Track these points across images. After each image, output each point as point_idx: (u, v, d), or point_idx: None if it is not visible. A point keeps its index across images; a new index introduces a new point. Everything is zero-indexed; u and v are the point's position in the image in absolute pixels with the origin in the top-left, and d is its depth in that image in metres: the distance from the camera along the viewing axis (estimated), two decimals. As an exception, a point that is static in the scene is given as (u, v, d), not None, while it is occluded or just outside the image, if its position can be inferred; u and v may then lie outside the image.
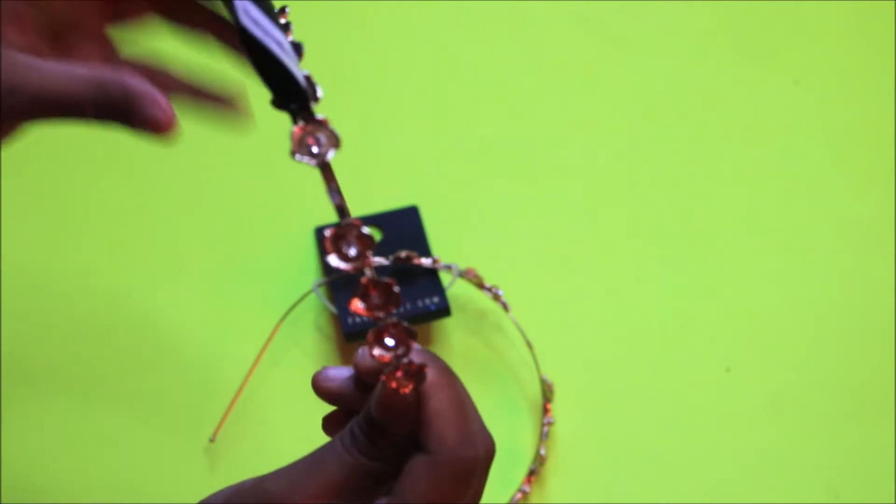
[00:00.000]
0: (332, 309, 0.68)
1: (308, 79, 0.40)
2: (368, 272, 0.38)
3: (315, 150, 0.39)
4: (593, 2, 0.80)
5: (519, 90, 0.78)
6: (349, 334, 0.67)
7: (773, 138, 0.77)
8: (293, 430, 0.67)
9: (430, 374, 0.39)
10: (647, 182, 0.76)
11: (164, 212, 0.73)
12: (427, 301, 0.68)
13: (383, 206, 0.73)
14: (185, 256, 0.72)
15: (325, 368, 0.44)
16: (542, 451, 0.67)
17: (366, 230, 0.38)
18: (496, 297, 0.69)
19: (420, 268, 0.69)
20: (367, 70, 0.78)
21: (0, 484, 0.65)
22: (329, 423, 0.45)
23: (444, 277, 0.69)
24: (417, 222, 0.72)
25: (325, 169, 0.39)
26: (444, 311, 0.68)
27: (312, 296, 0.70)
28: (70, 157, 0.73)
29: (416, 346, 0.39)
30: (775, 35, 0.80)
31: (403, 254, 0.68)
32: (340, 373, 0.43)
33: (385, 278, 0.38)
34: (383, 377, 0.38)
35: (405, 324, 0.38)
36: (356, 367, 0.42)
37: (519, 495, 0.66)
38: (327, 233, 0.38)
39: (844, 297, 0.72)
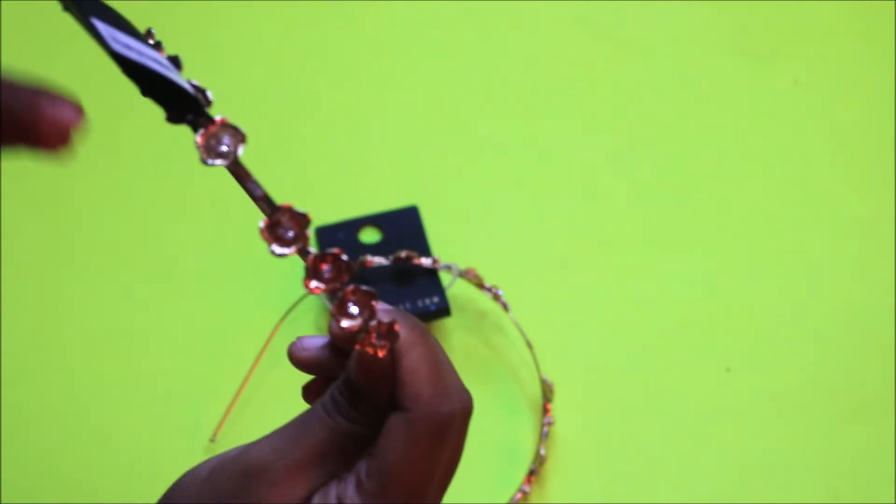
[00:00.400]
0: (332, 309, 0.68)
1: (196, 86, 0.39)
2: (312, 249, 0.37)
3: (224, 149, 0.38)
4: (593, 2, 0.80)
5: (519, 90, 0.78)
6: (349, 334, 0.67)
7: (773, 138, 0.77)
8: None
9: (402, 332, 0.39)
10: (647, 182, 0.75)
11: (164, 212, 0.73)
12: (427, 301, 0.68)
13: (383, 206, 0.73)
14: (186, 256, 0.72)
15: (300, 338, 0.43)
16: (542, 451, 0.66)
17: (298, 210, 0.37)
18: (496, 297, 0.69)
19: (420, 268, 0.69)
20: (368, 70, 0.78)
21: (0, 484, 0.65)
22: (308, 392, 0.45)
23: (444, 277, 0.69)
24: (417, 222, 0.72)
25: (238, 166, 0.38)
26: (444, 311, 0.68)
27: (312, 296, 0.70)
28: (71, 155, 0.73)
29: (381, 305, 0.39)
30: (775, 35, 0.80)
31: (403, 254, 0.68)
32: (316, 341, 0.43)
33: (331, 249, 0.38)
34: (358, 345, 0.38)
35: (363, 287, 0.37)
36: (331, 335, 0.42)
37: (519, 495, 0.66)
38: (260, 224, 0.37)
39: (844, 297, 0.72)
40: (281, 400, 0.68)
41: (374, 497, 0.38)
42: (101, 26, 0.37)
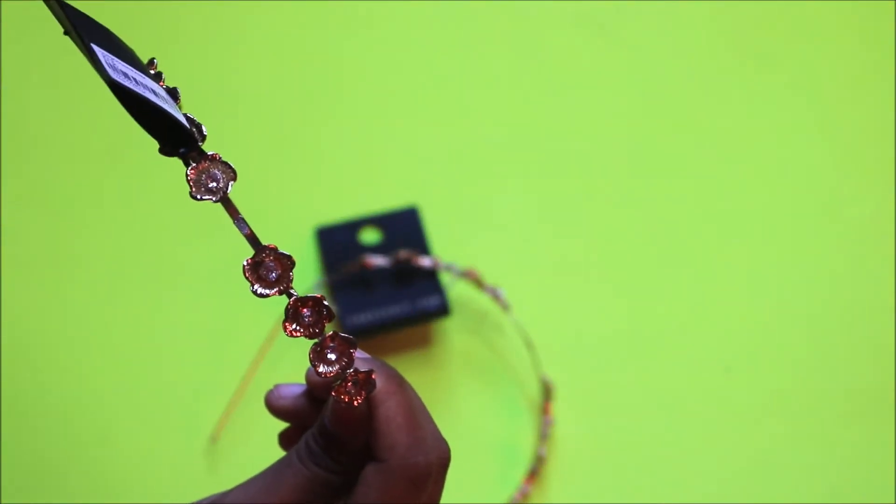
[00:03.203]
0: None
1: (191, 119, 0.39)
2: (294, 292, 0.38)
3: (213, 186, 0.38)
4: (593, 2, 0.80)
5: (519, 90, 0.78)
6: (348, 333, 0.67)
7: (774, 138, 0.77)
8: (293, 430, 0.68)
9: (379, 381, 0.39)
10: (647, 182, 0.76)
11: (164, 212, 0.73)
12: (427, 301, 0.68)
13: (383, 206, 0.73)
14: (185, 256, 0.72)
15: (277, 386, 0.44)
16: (542, 452, 0.67)
17: (283, 252, 0.38)
18: (496, 298, 0.69)
19: (420, 268, 0.69)
20: (368, 70, 0.78)
21: (0, 484, 0.65)
22: (284, 439, 0.45)
23: (444, 278, 0.69)
24: (417, 222, 0.72)
25: (227, 203, 0.39)
26: (444, 311, 0.68)
27: (312, 296, 0.70)
28: (71, 156, 0.73)
29: (360, 354, 0.39)
30: (775, 35, 0.80)
31: (403, 254, 0.68)
32: (292, 390, 0.43)
33: (314, 294, 0.38)
34: (333, 392, 0.38)
35: (342, 335, 0.38)
36: (308, 383, 0.42)
37: (519, 495, 0.66)
38: (245, 263, 0.38)
39: (844, 298, 0.72)
40: (281, 400, 0.68)
41: None
42: (101, 52, 0.37)
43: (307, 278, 0.71)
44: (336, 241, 0.71)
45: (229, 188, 0.38)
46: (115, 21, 0.55)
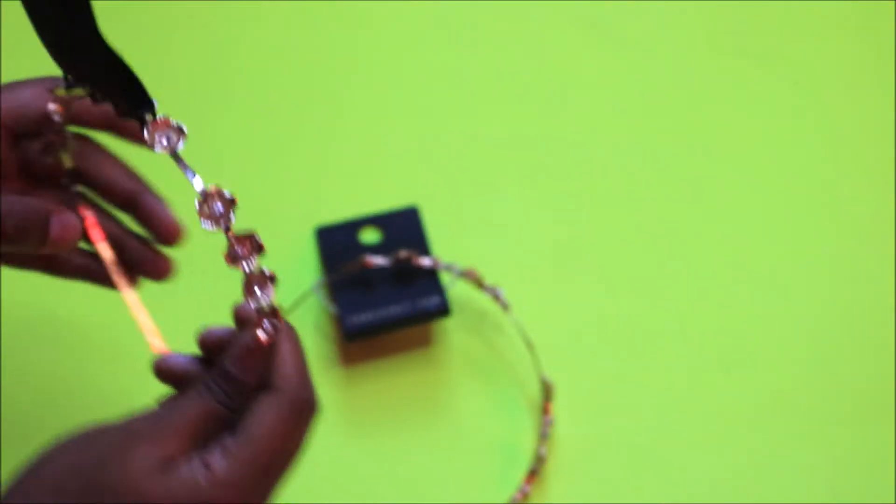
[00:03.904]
0: (332, 309, 0.68)
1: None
2: (232, 229, 0.46)
3: (165, 142, 0.47)
4: (593, 2, 0.80)
5: (519, 90, 0.78)
6: (349, 334, 0.67)
7: (773, 138, 0.77)
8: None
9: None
10: (647, 182, 0.76)
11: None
12: (427, 301, 0.68)
13: (383, 206, 0.73)
14: (185, 257, 0.71)
15: (163, 356, 0.51)
16: (542, 451, 0.67)
17: (227, 193, 0.46)
18: (496, 298, 0.69)
19: (420, 268, 0.69)
20: (368, 70, 0.78)
21: (0, 483, 0.65)
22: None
23: (445, 278, 0.69)
24: (417, 222, 0.72)
25: (177, 157, 0.47)
26: (444, 311, 0.68)
27: (312, 296, 0.70)
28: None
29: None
30: (775, 35, 0.80)
31: (403, 254, 0.68)
32: (179, 360, 0.50)
33: (250, 230, 0.46)
34: (256, 329, 0.46)
35: (266, 270, 0.46)
36: (203, 344, 0.50)
37: (519, 495, 0.66)
38: (196, 201, 0.46)
39: (844, 298, 0.72)
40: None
41: (238, 460, 0.44)
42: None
43: (307, 278, 0.71)
44: (336, 241, 0.71)
45: (181, 145, 0.47)
46: (117, 19, 0.55)
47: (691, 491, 0.67)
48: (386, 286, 0.69)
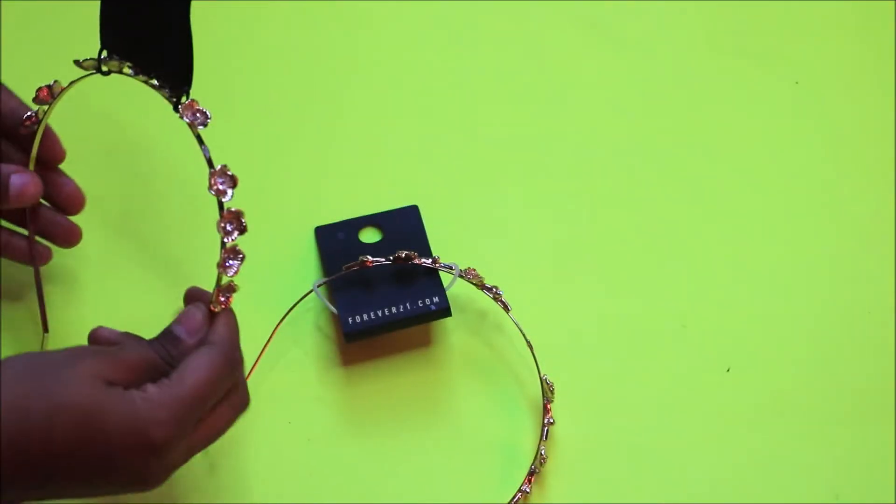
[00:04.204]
0: (332, 309, 0.68)
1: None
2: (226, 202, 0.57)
3: (197, 118, 0.57)
4: (593, 2, 0.80)
5: (519, 90, 0.78)
6: (349, 334, 0.67)
7: (774, 138, 0.77)
8: (293, 429, 0.67)
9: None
10: (648, 182, 0.76)
11: (164, 212, 0.73)
12: (427, 301, 0.68)
13: (383, 206, 0.73)
14: (185, 257, 0.71)
15: (98, 329, 0.59)
16: (543, 451, 0.67)
17: (230, 172, 0.57)
18: (497, 297, 0.69)
19: (420, 268, 0.69)
20: (367, 70, 0.78)
21: (0, 484, 0.65)
22: None
23: (445, 278, 0.69)
24: (417, 222, 0.72)
25: (198, 135, 0.57)
26: (444, 311, 0.68)
27: (312, 296, 0.70)
28: (71, 155, 0.73)
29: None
30: (775, 35, 0.80)
31: (403, 254, 0.68)
32: (112, 331, 0.59)
33: (238, 210, 0.57)
34: (215, 296, 0.58)
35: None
36: (187, 296, 0.61)
37: (519, 495, 0.66)
38: (209, 173, 0.56)
39: (844, 297, 0.72)
40: (281, 400, 0.68)
41: (171, 390, 0.54)
42: None
43: (307, 278, 0.71)
44: (336, 241, 0.71)
45: (201, 126, 0.57)
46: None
47: (691, 491, 0.67)
48: (386, 286, 0.69)
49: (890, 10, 0.81)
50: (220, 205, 0.57)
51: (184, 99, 0.57)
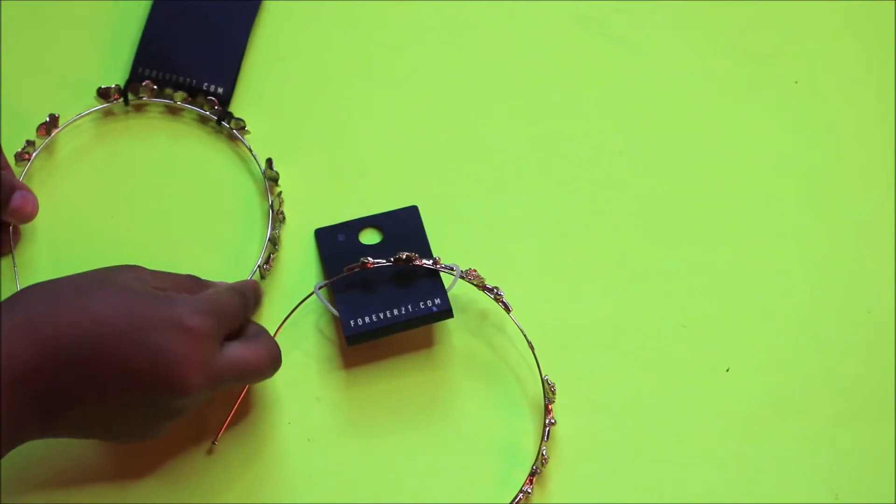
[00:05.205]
0: (334, 311, 0.68)
1: None
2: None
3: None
4: (593, 2, 0.80)
5: (519, 90, 0.78)
6: (351, 337, 0.67)
7: (774, 138, 0.77)
8: (293, 429, 0.67)
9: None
10: (648, 182, 0.76)
11: (164, 213, 0.73)
12: (429, 303, 0.68)
13: (383, 206, 0.72)
14: (186, 258, 0.71)
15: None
16: (544, 452, 0.67)
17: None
18: (498, 298, 0.69)
19: (421, 269, 0.69)
20: (368, 70, 0.78)
21: (0, 484, 0.65)
22: None
23: (446, 278, 0.69)
24: (417, 222, 0.72)
25: (246, 145, 0.68)
26: (446, 312, 0.68)
27: (313, 298, 0.70)
28: (75, 160, 0.73)
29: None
30: (775, 35, 0.80)
31: (404, 255, 0.68)
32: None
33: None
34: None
35: None
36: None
37: (521, 496, 0.66)
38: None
39: (844, 297, 0.73)
40: (281, 401, 0.68)
41: (200, 296, 0.60)
42: None
43: (308, 280, 0.71)
44: (336, 243, 0.71)
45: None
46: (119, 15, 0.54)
47: (691, 491, 0.68)
48: (387, 287, 0.69)
49: (890, 10, 0.81)
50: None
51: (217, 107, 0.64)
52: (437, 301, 0.68)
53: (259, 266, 0.70)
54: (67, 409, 0.57)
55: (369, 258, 0.68)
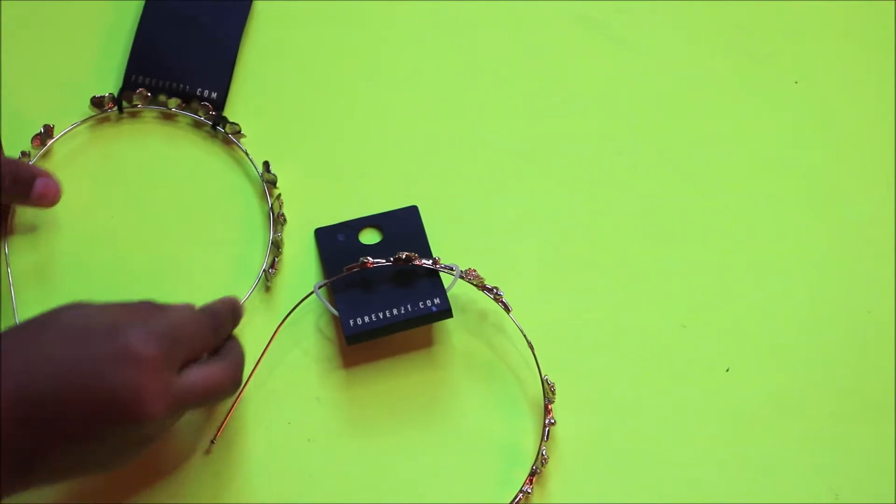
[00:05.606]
0: (333, 311, 0.68)
1: None
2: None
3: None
4: (593, 2, 0.80)
5: (519, 90, 0.78)
6: (350, 336, 0.67)
7: (774, 138, 0.77)
8: (294, 431, 0.67)
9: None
10: (648, 182, 0.76)
11: (164, 213, 0.73)
12: (428, 303, 0.68)
13: (383, 206, 0.72)
14: (186, 259, 0.71)
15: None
16: (544, 452, 0.67)
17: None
18: (497, 298, 0.69)
19: (421, 269, 0.69)
20: (368, 70, 0.78)
21: (0, 483, 0.65)
22: None
23: (446, 278, 0.69)
24: (417, 222, 0.72)
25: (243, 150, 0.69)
26: (445, 312, 0.68)
27: (313, 297, 0.70)
28: (76, 161, 0.73)
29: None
30: (775, 35, 0.80)
31: (404, 255, 0.68)
32: None
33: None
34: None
35: None
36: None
37: (521, 496, 0.66)
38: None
39: (844, 297, 0.73)
40: (281, 401, 0.68)
41: (153, 321, 0.59)
42: None
43: (308, 280, 0.71)
44: (336, 243, 0.71)
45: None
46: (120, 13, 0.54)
47: (691, 491, 0.68)
48: (386, 287, 0.69)
49: (890, 10, 0.81)
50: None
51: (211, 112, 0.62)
52: (437, 301, 0.68)
53: (264, 270, 0.70)
54: (41, 458, 0.56)
55: (369, 258, 0.68)
